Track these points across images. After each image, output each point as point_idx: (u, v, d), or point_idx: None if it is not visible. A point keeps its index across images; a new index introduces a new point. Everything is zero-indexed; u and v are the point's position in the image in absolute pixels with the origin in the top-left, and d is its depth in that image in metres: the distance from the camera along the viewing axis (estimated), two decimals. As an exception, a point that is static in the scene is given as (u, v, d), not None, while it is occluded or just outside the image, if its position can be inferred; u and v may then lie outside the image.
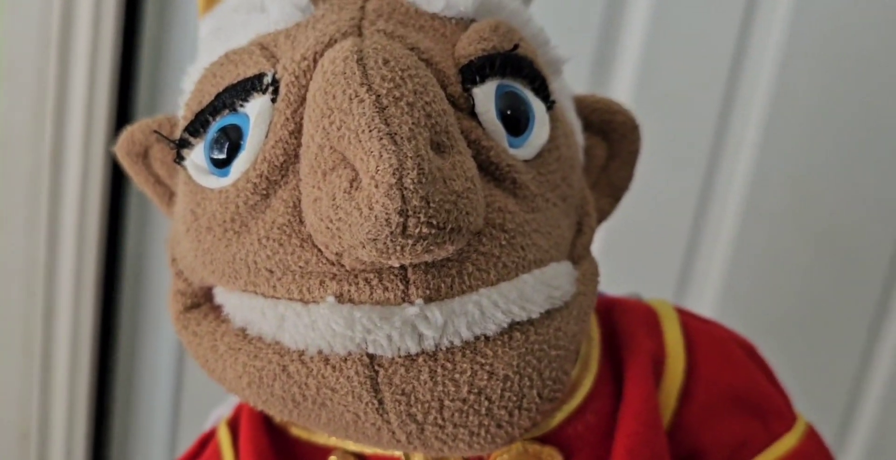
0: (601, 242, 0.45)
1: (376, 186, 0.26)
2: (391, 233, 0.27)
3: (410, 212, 0.26)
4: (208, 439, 0.43)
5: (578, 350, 0.33)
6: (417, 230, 0.27)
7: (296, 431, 0.39)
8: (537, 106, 0.33)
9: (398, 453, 0.36)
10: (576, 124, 0.38)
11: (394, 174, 0.26)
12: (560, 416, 0.36)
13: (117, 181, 0.83)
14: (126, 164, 0.40)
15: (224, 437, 0.41)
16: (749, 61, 0.74)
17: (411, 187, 0.26)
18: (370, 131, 0.27)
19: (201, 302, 0.36)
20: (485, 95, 0.32)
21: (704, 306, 0.78)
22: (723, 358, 0.39)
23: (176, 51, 0.82)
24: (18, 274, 0.81)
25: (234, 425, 0.42)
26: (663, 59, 0.74)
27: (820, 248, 0.77)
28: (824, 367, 0.80)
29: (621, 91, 0.75)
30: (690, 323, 0.40)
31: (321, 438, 0.38)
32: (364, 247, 0.27)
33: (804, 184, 0.75)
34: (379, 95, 0.28)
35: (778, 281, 0.78)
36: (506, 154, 0.32)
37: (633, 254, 0.76)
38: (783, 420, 0.39)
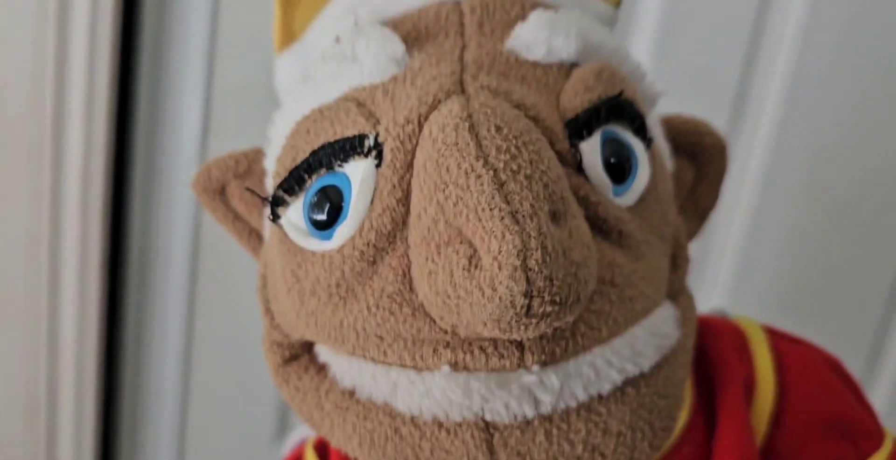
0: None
1: (499, 268, 0.26)
2: (515, 314, 0.26)
3: (535, 293, 0.26)
4: (294, 464, 0.43)
5: (684, 393, 0.33)
6: (541, 309, 0.26)
7: None
8: (638, 148, 0.32)
9: None
10: (665, 149, 0.37)
11: (518, 255, 0.26)
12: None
13: (120, 150, 0.81)
14: (203, 200, 0.40)
15: None
16: (768, 35, 0.72)
17: (535, 268, 0.26)
18: (490, 210, 0.26)
19: (300, 353, 0.35)
20: (591, 149, 0.31)
21: (722, 281, 0.78)
22: (813, 381, 0.39)
23: (180, 14, 0.78)
24: (22, 247, 0.79)
25: (321, 449, 0.42)
26: (681, 33, 0.72)
27: (838, 222, 0.76)
28: (841, 341, 0.80)
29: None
30: (780, 345, 0.40)
31: None
32: (486, 325, 0.27)
33: (822, 158, 0.74)
34: (496, 169, 0.27)
35: (796, 254, 0.78)
36: (612, 206, 0.31)
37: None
38: (872, 439, 0.39)
